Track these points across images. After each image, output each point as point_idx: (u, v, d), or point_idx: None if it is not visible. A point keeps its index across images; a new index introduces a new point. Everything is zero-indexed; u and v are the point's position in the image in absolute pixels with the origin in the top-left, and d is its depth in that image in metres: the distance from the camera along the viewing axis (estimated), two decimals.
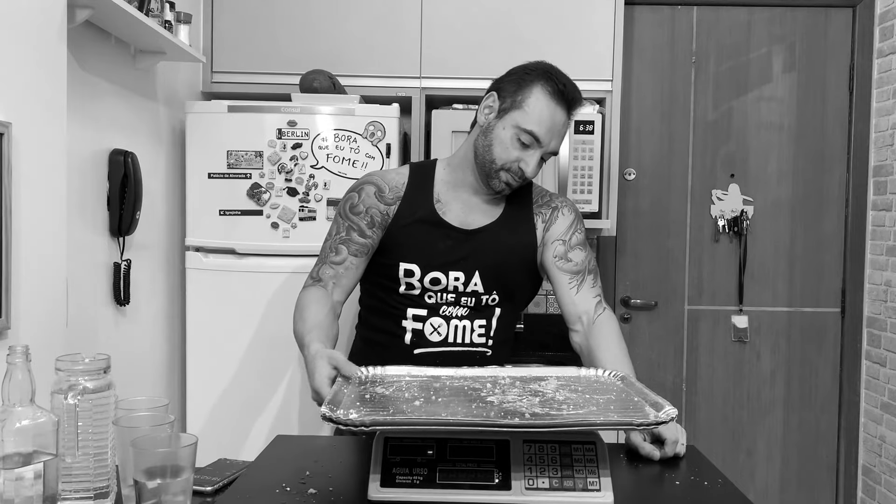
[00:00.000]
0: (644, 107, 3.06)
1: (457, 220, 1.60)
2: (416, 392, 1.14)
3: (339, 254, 1.59)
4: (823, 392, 3.11)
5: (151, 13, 1.94)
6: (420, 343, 1.58)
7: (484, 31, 2.61)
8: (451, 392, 1.15)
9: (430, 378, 1.25)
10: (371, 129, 2.33)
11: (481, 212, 1.62)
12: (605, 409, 1.05)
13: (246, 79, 2.62)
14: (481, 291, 1.58)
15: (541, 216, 1.64)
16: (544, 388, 1.17)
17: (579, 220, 1.67)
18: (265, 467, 1.18)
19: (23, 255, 1.40)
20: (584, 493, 1.01)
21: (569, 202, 1.69)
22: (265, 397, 2.33)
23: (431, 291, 1.57)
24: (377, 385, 1.19)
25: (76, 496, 1.03)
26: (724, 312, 3.10)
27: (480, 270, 1.57)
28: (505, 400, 1.09)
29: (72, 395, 1.01)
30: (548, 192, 1.70)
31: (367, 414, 1.00)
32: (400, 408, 1.05)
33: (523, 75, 1.57)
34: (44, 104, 1.47)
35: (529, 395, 1.12)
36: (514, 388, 1.17)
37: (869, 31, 2.98)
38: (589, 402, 1.09)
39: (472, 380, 1.24)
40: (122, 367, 1.65)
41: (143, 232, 2.15)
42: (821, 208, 3.08)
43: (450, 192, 1.62)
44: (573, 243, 1.62)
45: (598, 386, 1.20)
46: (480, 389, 1.16)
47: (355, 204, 1.60)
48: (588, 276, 1.61)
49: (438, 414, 1.02)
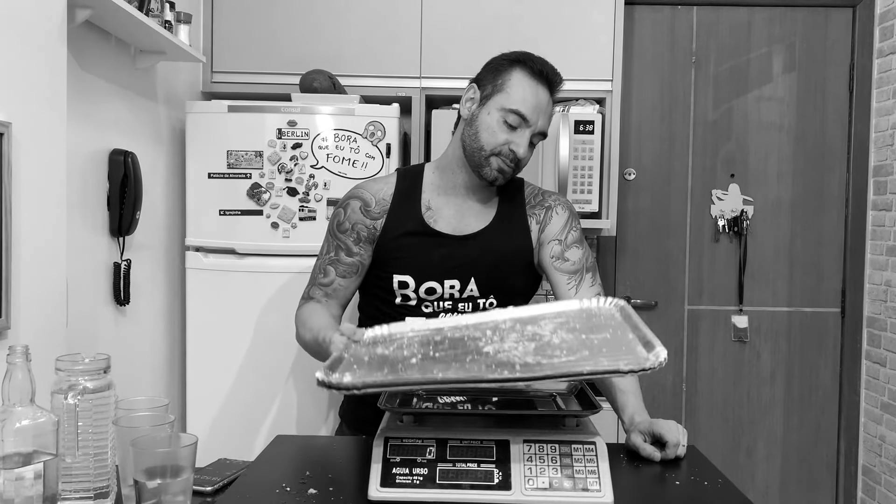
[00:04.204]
0: (644, 107, 3.06)
1: (448, 227, 1.57)
2: (416, 349, 1.13)
3: (328, 275, 1.59)
4: (823, 392, 3.11)
5: (151, 13, 1.94)
6: None
7: (484, 31, 2.61)
8: (451, 344, 1.13)
9: (433, 331, 1.21)
10: (371, 129, 2.33)
11: (474, 216, 1.59)
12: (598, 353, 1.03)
13: (246, 79, 2.62)
14: (478, 296, 1.57)
15: (535, 217, 1.62)
16: (542, 329, 1.15)
17: (574, 217, 1.65)
18: (265, 467, 1.18)
19: (23, 255, 1.40)
20: (584, 493, 1.01)
21: (562, 200, 1.67)
22: (265, 397, 2.33)
23: (428, 301, 1.56)
24: (378, 345, 1.17)
25: (76, 496, 1.03)
26: (724, 312, 3.10)
27: (476, 276, 1.55)
28: (501, 349, 1.08)
29: (72, 395, 1.01)
30: (540, 191, 1.67)
31: (361, 377, 1.00)
32: (395, 367, 1.04)
33: (500, 62, 1.57)
34: (44, 104, 1.47)
35: (526, 341, 1.11)
36: (513, 332, 1.16)
37: (869, 31, 2.98)
38: (584, 344, 1.07)
39: (474, 328, 1.20)
40: (122, 367, 1.65)
41: (143, 232, 2.15)
42: (821, 208, 3.08)
43: (440, 197, 1.60)
44: (569, 242, 1.61)
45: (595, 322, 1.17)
46: (479, 338, 1.15)
47: (342, 221, 1.59)
48: (587, 274, 1.60)
49: (431, 372, 1.01)
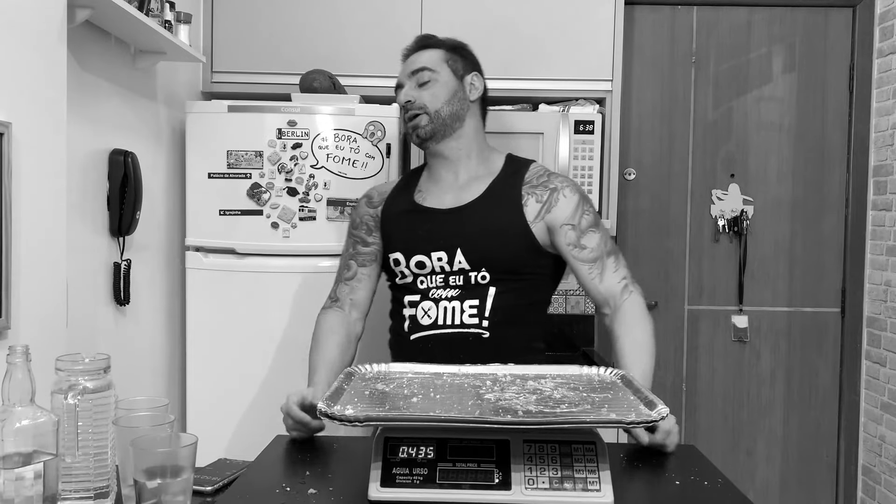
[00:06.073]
0: (644, 107, 3.06)
1: (436, 202, 1.65)
2: (417, 389, 1.15)
3: (350, 269, 1.74)
4: (823, 392, 3.11)
5: (151, 13, 1.94)
6: (415, 328, 1.60)
7: (484, 31, 2.61)
8: (451, 389, 1.16)
9: (433, 375, 1.26)
10: (371, 129, 2.33)
11: (463, 192, 1.65)
12: (600, 408, 1.05)
13: (246, 79, 2.62)
14: (468, 269, 1.57)
15: (534, 195, 1.61)
16: (543, 385, 1.18)
17: (585, 200, 1.63)
18: (265, 467, 1.18)
19: (23, 255, 1.40)
20: (584, 493, 1.01)
21: (570, 182, 1.65)
22: (265, 397, 2.33)
23: (421, 276, 1.61)
24: (379, 382, 1.20)
25: (76, 496, 1.03)
26: (724, 312, 3.10)
27: (462, 247, 1.57)
28: (502, 397, 1.10)
29: (72, 395, 1.01)
30: (546, 173, 1.67)
31: (363, 410, 1.01)
32: (397, 404, 1.06)
33: None
34: (44, 104, 1.47)
35: (527, 393, 1.12)
36: (513, 385, 1.18)
37: (869, 31, 2.98)
38: (585, 400, 1.09)
39: (474, 377, 1.24)
40: (122, 367, 1.65)
41: (143, 232, 2.15)
42: (821, 208, 3.08)
43: (431, 182, 1.71)
44: (584, 226, 1.59)
45: (597, 384, 1.20)
46: (480, 387, 1.17)
47: (353, 219, 1.77)
48: (608, 259, 1.59)
49: (433, 411, 1.03)
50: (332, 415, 0.98)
